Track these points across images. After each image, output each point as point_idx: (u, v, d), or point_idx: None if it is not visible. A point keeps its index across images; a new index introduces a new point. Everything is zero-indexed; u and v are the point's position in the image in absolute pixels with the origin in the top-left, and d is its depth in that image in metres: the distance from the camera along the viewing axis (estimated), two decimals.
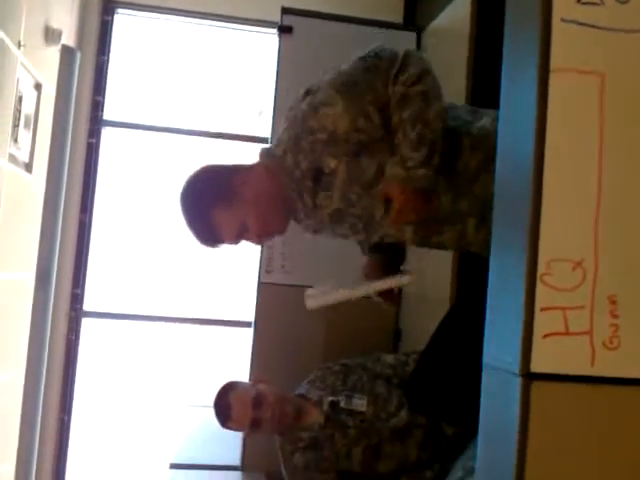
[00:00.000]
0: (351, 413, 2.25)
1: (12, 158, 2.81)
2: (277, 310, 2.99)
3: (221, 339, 3.92)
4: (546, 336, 0.67)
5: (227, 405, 2.24)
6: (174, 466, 2.71)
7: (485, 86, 2.48)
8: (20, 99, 2.81)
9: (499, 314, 0.73)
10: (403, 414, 2.20)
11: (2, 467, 2.88)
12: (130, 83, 3.83)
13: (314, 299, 1.89)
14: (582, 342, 0.68)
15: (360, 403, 2.27)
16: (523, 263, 0.67)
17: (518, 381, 0.66)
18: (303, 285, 2.93)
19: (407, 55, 1.55)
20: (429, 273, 2.62)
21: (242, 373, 3.13)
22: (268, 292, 2.97)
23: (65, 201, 3.52)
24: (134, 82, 3.86)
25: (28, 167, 3.04)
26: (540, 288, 0.67)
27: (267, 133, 3.23)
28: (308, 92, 1.63)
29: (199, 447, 2.92)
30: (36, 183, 3.11)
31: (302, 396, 2.35)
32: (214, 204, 1.66)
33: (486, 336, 0.76)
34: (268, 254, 2.98)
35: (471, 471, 1.57)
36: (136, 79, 3.88)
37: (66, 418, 3.73)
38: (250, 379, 2.68)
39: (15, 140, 2.83)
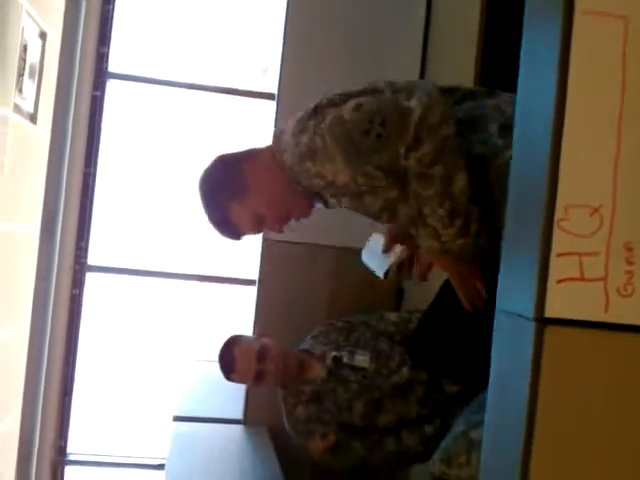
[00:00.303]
0: (353, 368, 2.27)
1: (17, 108, 2.78)
2: (281, 267, 2.99)
3: (225, 296, 3.94)
4: (561, 281, 0.66)
5: (231, 358, 2.27)
6: (177, 418, 2.74)
7: (497, 54, 2.44)
8: (25, 48, 2.77)
9: (514, 260, 0.73)
10: (405, 371, 2.22)
11: (9, 417, 2.92)
12: (136, 34, 3.77)
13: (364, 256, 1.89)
14: (596, 288, 0.67)
15: (362, 359, 2.29)
16: (541, 208, 0.66)
17: (532, 326, 0.66)
18: (307, 243, 2.97)
19: (419, 126, 1.38)
20: None
21: (246, 330, 3.15)
22: (273, 249, 2.97)
23: (70, 154, 3.51)
24: (140, 33, 3.81)
25: (33, 118, 3.02)
26: (557, 233, 0.66)
27: (273, 89, 3.20)
28: (316, 111, 1.52)
29: (202, 401, 2.95)
30: (40, 134, 3.09)
31: (305, 351, 2.37)
32: (227, 200, 1.65)
33: (500, 282, 0.76)
34: None
35: (474, 425, 1.59)
36: (142, 30, 3.83)
37: (70, 371, 3.77)
38: (254, 334, 2.70)
39: (20, 90, 2.80)
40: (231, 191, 1.65)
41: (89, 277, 3.83)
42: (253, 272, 3.46)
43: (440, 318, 2.04)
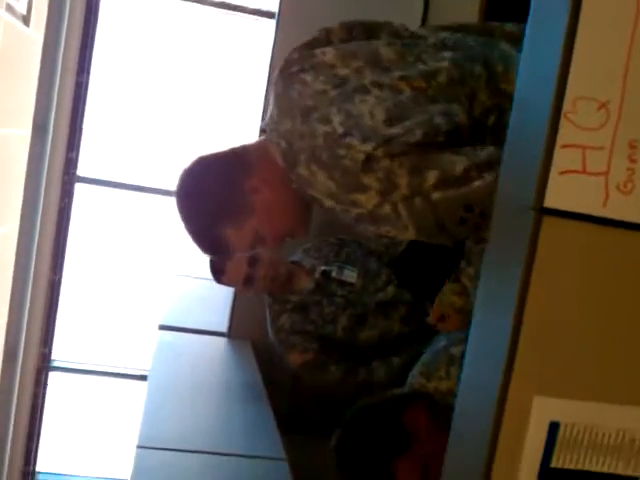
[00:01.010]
0: (341, 283, 2.32)
1: (9, 8, 2.70)
2: None
3: None
4: (563, 173, 0.67)
5: (222, 261, 2.29)
6: (163, 327, 2.78)
7: None
8: None
9: (517, 150, 0.73)
10: (390, 289, 2.26)
11: None
12: None
13: None
14: (597, 182, 0.68)
15: (351, 275, 2.33)
16: (550, 99, 0.65)
17: (530, 215, 0.66)
18: None
19: None
20: None
21: None
22: None
23: (62, 60, 3.43)
24: None
25: (25, 20, 2.94)
26: (563, 125, 0.66)
27: (274, 7, 3.11)
28: (369, 161, 1.24)
29: (188, 313, 2.99)
30: (33, 36, 3.01)
31: (296, 263, 2.41)
32: (222, 225, 1.42)
33: (502, 173, 0.76)
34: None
35: (455, 342, 1.62)
36: None
37: (57, 279, 3.79)
38: None
39: None
40: (228, 213, 1.42)
41: (79, 188, 3.81)
42: None
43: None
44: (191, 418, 2.12)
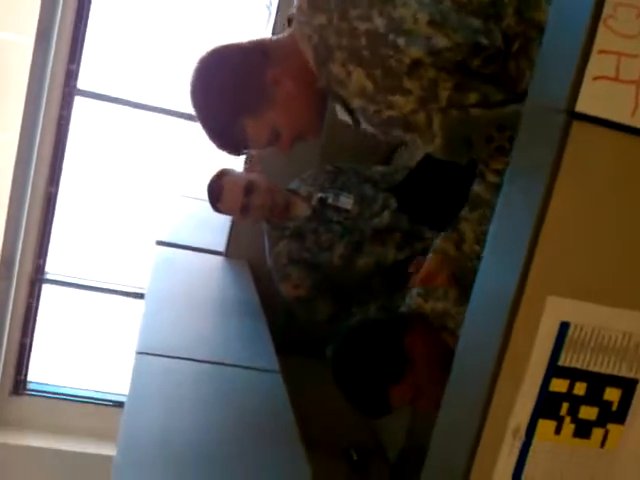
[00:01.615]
0: (337, 209, 2.33)
1: None
2: None
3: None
4: (596, 78, 0.67)
5: (219, 188, 2.31)
6: (160, 243, 2.80)
7: None
8: None
9: (552, 54, 0.73)
10: (386, 215, 2.27)
11: None
12: None
13: None
14: (628, 91, 0.69)
15: (347, 201, 2.34)
16: (590, 2, 0.66)
17: (560, 118, 0.67)
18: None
19: None
20: None
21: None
22: None
23: None
24: None
25: None
26: (602, 30, 0.67)
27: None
28: (415, 65, 1.22)
29: (186, 232, 3.00)
30: None
31: (292, 191, 2.42)
32: (240, 115, 1.41)
33: (535, 77, 0.77)
34: None
35: None
36: None
37: (53, 191, 3.78)
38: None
39: None
40: (247, 103, 1.40)
41: (79, 101, 3.76)
42: None
43: (433, 169, 2.08)
44: (189, 329, 2.16)
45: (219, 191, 2.30)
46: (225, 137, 1.47)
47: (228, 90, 1.41)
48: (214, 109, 1.43)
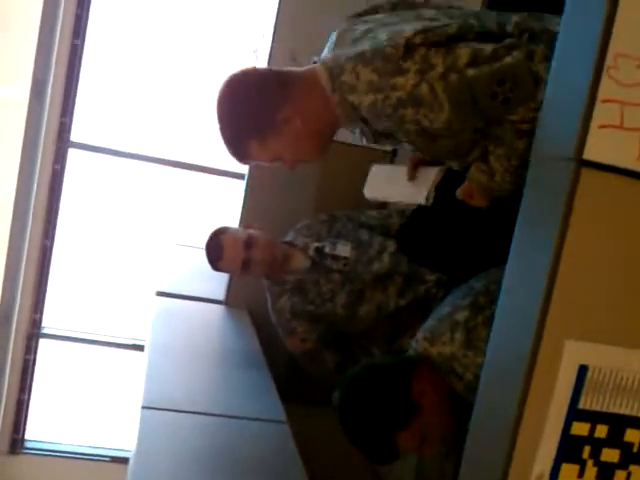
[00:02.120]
0: (335, 258, 2.32)
1: None
2: None
3: (211, 188, 3.93)
4: (602, 127, 0.69)
5: (219, 246, 2.29)
6: (160, 294, 2.79)
7: None
8: None
9: (558, 104, 0.75)
10: (385, 259, 2.27)
11: None
12: None
13: (372, 191, 1.92)
14: (632, 137, 0.71)
15: (344, 249, 2.34)
16: (593, 54, 0.68)
17: (569, 165, 0.69)
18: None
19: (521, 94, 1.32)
20: None
21: (231, 223, 3.17)
22: None
23: (61, 23, 3.40)
24: None
25: None
26: (604, 80, 0.69)
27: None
28: (410, 50, 1.37)
29: (185, 281, 3.00)
30: None
31: (289, 243, 2.41)
32: (250, 136, 1.53)
33: (540, 126, 0.79)
34: None
35: (459, 308, 1.65)
36: None
37: (49, 244, 3.78)
38: (241, 226, 2.72)
39: None
40: (259, 128, 1.52)
41: (73, 154, 3.79)
42: (239, 166, 3.45)
43: (433, 210, 2.09)
44: (192, 381, 2.14)
45: (219, 249, 2.28)
46: (233, 149, 1.59)
47: (242, 112, 1.54)
48: (227, 123, 1.56)
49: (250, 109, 1.52)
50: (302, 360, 2.31)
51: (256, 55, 3.37)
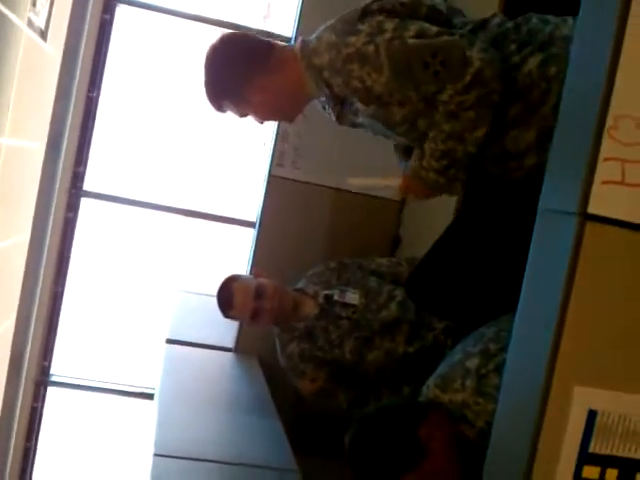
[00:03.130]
0: (344, 305, 2.35)
1: (29, 23, 2.76)
2: (283, 207, 3.03)
3: (220, 235, 3.98)
4: (604, 183, 0.74)
5: (230, 294, 2.33)
6: (170, 341, 2.81)
7: None
8: None
9: (562, 162, 0.80)
10: (393, 307, 2.30)
11: (2, 327, 2.97)
12: None
13: (357, 179, 2.01)
14: (634, 193, 0.75)
15: (353, 297, 2.37)
16: (594, 115, 0.73)
17: (574, 220, 0.73)
18: (313, 183, 3.02)
19: (474, 77, 1.49)
20: None
21: (240, 269, 3.20)
22: (277, 186, 3.00)
23: (78, 76, 3.50)
24: None
25: (43, 34, 3.00)
26: (605, 140, 0.74)
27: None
28: (366, 12, 1.59)
29: (194, 328, 3.02)
30: (50, 52, 3.08)
31: (299, 290, 2.44)
32: (223, 96, 1.74)
33: (545, 184, 0.83)
34: (281, 148, 3.00)
35: (470, 355, 1.66)
36: None
37: (59, 291, 3.81)
38: (250, 273, 2.76)
39: (34, 4, 2.78)
40: (235, 91, 1.72)
41: (85, 203, 3.85)
42: (251, 214, 3.51)
43: (443, 256, 2.13)
44: (204, 429, 2.15)
45: (230, 297, 2.32)
46: (211, 101, 1.77)
47: (224, 73, 1.72)
48: (210, 79, 1.74)
49: (231, 72, 1.70)
50: (316, 400, 2.31)
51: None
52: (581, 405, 0.75)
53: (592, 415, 0.76)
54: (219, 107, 1.78)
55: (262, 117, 1.78)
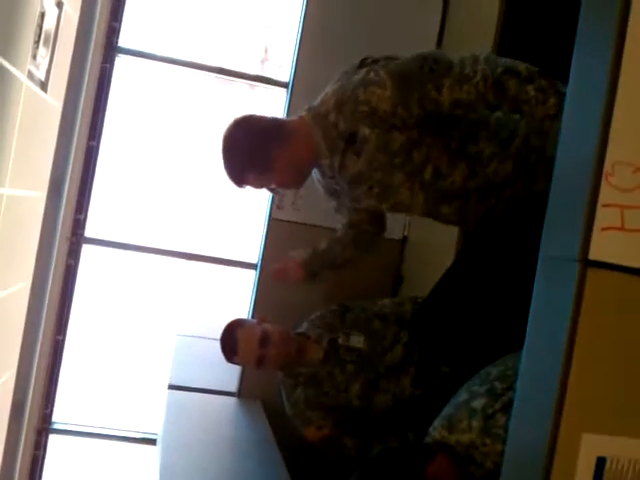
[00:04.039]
0: (349, 349, 2.33)
1: (30, 75, 2.81)
2: (284, 249, 3.02)
3: (220, 278, 3.98)
4: (604, 229, 0.74)
5: (234, 342, 2.31)
6: (172, 387, 2.79)
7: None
8: (42, 15, 2.80)
9: (561, 210, 0.81)
10: (398, 349, 2.29)
11: (4, 377, 2.95)
12: (146, 11, 3.81)
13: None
14: (635, 238, 0.75)
15: (357, 340, 2.35)
16: (592, 162, 0.74)
17: (576, 267, 0.74)
18: (313, 224, 3.02)
19: (461, 67, 1.79)
20: (435, 224, 2.69)
21: (241, 313, 3.19)
22: (277, 229, 3.02)
23: (78, 126, 3.54)
24: (150, 10, 3.85)
25: (44, 86, 3.04)
26: (604, 186, 0.75)
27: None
28: (363, 63, 1.88)
29: (196, 373, 3.00)
30: (50, 103, 3.12)
31: (302, 334, 2.43)
32: (248, 169, 1.94)
33: (545, 231, 0.84)
34: (281, 191, 3.01)
35: (475, 395, 1.65)
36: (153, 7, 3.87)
37: (60, 339, 3.79)
38: (254, 318, 2.74)
39: (34, 57, 2.82)
40: (254, 163, 1.93)
41: (86, 249, 3.86)
42: (251, 255, 3.52)
43: (446, 297, 2.13)
44: (207, 474, 2.13)
45: (234, 345, 2.30)
46: (233, 178, 1.99)
47: (242, 151, 1.94)
48: (230, 158, 1.97)
49: (249, 150, 1.92)
50: (323, 447, 2.29)
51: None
52: (589, 452, 0.75)
53: (601, 462, 0.76)
54: (241, 181, 1.98)
55: (281, 183, 2.00)
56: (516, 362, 1.68)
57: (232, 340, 2.30)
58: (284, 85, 3.35)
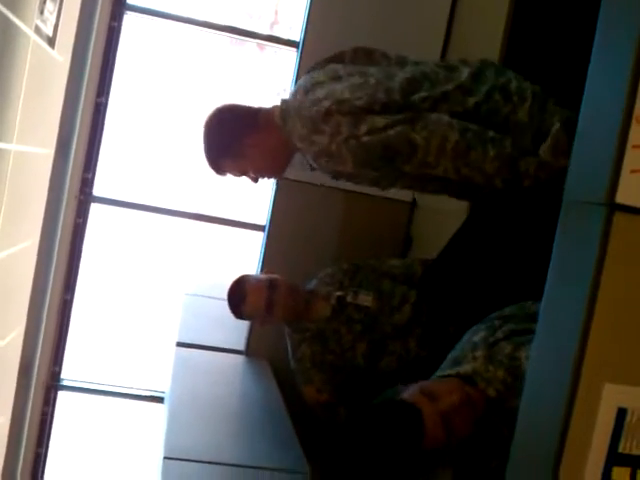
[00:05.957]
0: (357, 307, 2.32)
1: (37, 30, 2.76)
2: (293, 209, 3.00)
3: (229, 239, 3.97)
4: (633, 171, 0.71)
5: (242, 289, 2.29)
6: (180, 344, 2.80)
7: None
8: None
9: (588, 152, 0.77)
10: (406, 309, 2.27)
11: (13, 334, 2.97)
12: None
13: None
14: None
15: (366, 298, 2.33)
16: (622, 102, 0.70)
17: (602, 210, 0.71)
18: (322, 185, 2.99)
19: (423, 158, 1.79)
20: None
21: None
22: (286, 189, 2.98)
23: (85, 83, 3.50)
24: None
25: (51, 41, 3.00)
26: (634, 126, 0.71)
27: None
28: (328, 114, 1.80)
29: (204, 331, 3.01)
30: (58, 58, 3.07)
31: (311, 291, 2.41)
32: (222, 155, 2.00)
33: (570, 174, 0.81)
34: None
35: (476, 332, 1.63)
36: None
37: (69, 297, 3.81)
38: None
39: (41, 12, 2.77)
40: (228, 150, 1.98)
41: (94, 208, 3.85)
42: (259, 217, 3.50)
43: (453, 259, 2.11)
44: (214, 432, 2.13)
45: (242, 292, 2.28)
46: (211, 165, 2.04)
47: (219, 139, 2.00)
48: (208, 145, 2.02)
49: (222, 135, 1.98)
50: (316, 409, 2.29)
51: None
52: (610, 403, 0.73)
53: (622, 413, 0.74)
54: (219, 167, 2.03)
55: (257, 170, 2.02)
56: (515, 306, 1.68)
57: (240, 288, 2.29)
58: (295, 45, 3.29)
